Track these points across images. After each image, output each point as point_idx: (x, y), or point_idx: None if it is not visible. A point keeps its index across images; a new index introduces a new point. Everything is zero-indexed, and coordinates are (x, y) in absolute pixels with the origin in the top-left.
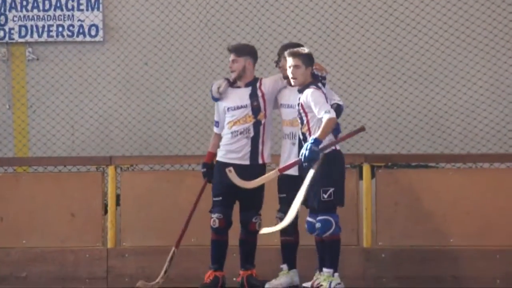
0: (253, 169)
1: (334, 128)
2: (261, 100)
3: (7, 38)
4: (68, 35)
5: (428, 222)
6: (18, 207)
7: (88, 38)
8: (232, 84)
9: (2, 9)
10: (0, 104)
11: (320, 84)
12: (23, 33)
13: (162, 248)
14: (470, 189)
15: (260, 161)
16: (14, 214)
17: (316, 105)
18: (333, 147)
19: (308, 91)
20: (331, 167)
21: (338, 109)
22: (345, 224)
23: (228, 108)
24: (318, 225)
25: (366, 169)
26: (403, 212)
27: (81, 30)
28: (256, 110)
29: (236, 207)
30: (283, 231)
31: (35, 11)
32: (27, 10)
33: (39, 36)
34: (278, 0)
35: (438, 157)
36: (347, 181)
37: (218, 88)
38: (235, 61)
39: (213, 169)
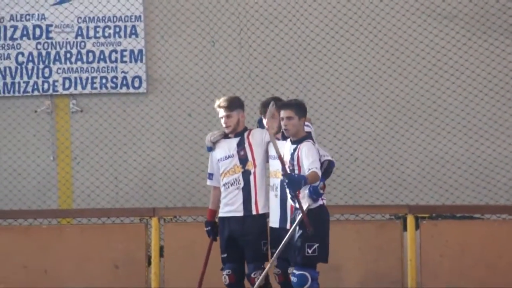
0: (248, 220)
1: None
2: (248, 149)
3: (51, 90)
4: (111, 87)
5: (474, 275)
6: (62, 259)
7: (131, 90)
8: (226, 136)
9: (47, 61)
10: (45, 156)
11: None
12: (67, 85)
13: None
14: None
15: (254, 212)
16: (58, 266)
17: (309, 159)
18: (319, 202)
19: (307, 145)
20: (316, 222)
21: (329, 165)
22: (389, 277)
23: (219, 160)
24: (294, 279)
25: (410, 220)
26: (449, 264)
27: (124, 82)
28: (243, 159)
29: None
30: None
31: (79, 63)
32: (71, 63)
33: (83, 88)
34: (321, 51)
35: (484, 208)
36: (392, 232)
37: (211, 137)
38: (229, 116)
39: (216, 227)
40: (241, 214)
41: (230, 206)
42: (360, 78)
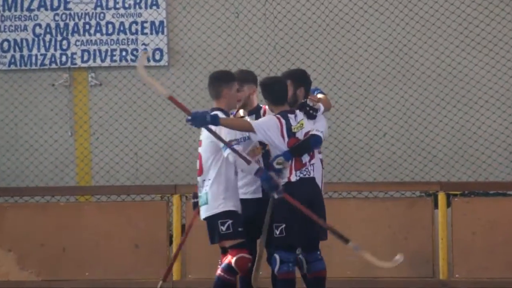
0: (268, 202)
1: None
2: None
3: (69, 63)
4: (132, 60)
5: (507, 253)
6: (80, 237)
7: (152, 63)
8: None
9: (65, 33)
10: (62, 131)
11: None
12: (85, 57)
13: None
14: None
15: None
16: (77, 245)
17: None
18: (286, 179)
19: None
20: (281, 200)
21: (309, 140)
22: (420, 256)
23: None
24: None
25: (441, 197)
26: (481, 242)
27: None
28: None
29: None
30: None
31: (98, 35)
32: (89, 34)
33: (102, 60)
34: (349, 22)
35: None
36: (423, 209)
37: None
38: (239, 90)
39: None
40: (259, 195)
41: (248, 187)
42: (389, 50)
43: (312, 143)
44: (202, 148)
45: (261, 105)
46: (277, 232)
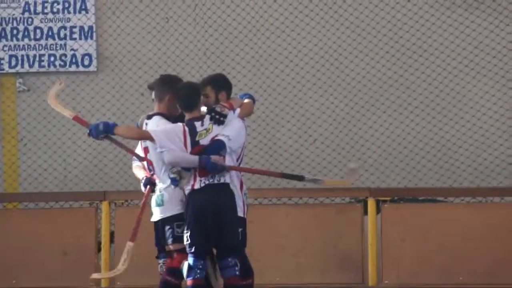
0: None
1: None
2: None
3: None
4: (60, 65)
5: (436, 260)
6: (8, 244)
7: (81, 68)
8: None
9: None
10: None
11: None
12: (13, 63)
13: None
14: (480, 224)
15: None
16: (4, 252)
17: None
18: (190, 187)
19: None
20: (186, 209)
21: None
22: (349, 262)
23: None
24: None
25: (371, 203)
26: (410, 249)
27: (74, 60)
28: None
29: None
30: None
31: (26, 40)
32: (17, 39)
33: (30, 66)
34: (279, 27)
35: (447, 191)
36: (352, 215)
37: None
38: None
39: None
40: None
41: None
42: (319, 56)
43: (209, 149)
44: (152, 157)
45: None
46: (185, 239)
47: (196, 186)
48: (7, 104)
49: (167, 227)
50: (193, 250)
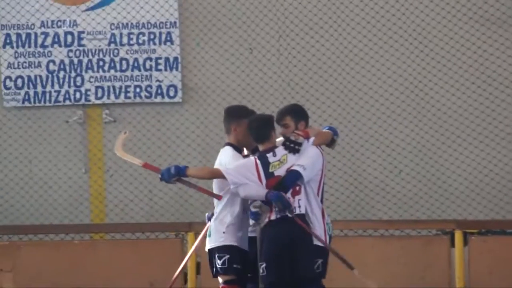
0: None
1: None
2: None
3: (83, 100)
4: (146, 96)
5: None
6: (95, 275)
7: (166, 99)
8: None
9: (78, 69)
10: (77, 168)
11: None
12: (99, 94)
13: None
14: None
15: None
16: (90, 283)
17: None
18: (267, 219)
19: None
20: (262, 240)
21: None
22: None
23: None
24: None
25: (458, 236)
26: (498, 282)
27: (159, 91)
28: None
29: None
30: None
31: (112, 71)
32: (103, 71)
33: (116, 97)
34: (364, 58)
35: None
36: (439, 248)
37: None
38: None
39: None
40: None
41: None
42: (404, 87)
43: (286, 180)
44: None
45: None
46: (261, 271)
47: (272, 217)
48: (94, 135)
49: (212, 259)
50: (269, 281)
